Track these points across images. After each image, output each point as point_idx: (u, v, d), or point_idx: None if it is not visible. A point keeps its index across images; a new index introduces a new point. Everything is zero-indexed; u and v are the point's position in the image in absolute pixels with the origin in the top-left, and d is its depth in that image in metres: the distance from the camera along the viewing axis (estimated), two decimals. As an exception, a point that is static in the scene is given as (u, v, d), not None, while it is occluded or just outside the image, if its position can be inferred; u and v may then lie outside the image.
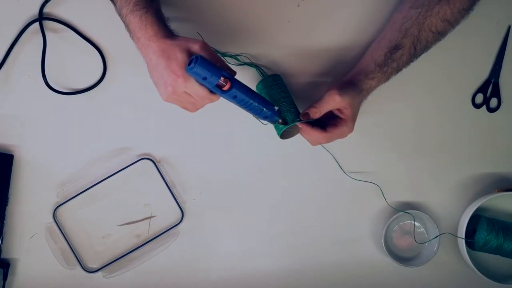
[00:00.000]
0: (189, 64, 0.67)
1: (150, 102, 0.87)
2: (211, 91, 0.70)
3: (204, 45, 0.70)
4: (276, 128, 0.82)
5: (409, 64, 0.81)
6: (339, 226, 0.92)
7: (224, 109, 0.79)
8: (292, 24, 0.88)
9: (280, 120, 0.79)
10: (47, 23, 0.86)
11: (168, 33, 0.72)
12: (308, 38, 0.88)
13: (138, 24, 0.72)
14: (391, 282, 0.94)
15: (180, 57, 0.69)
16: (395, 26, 0.81)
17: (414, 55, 0.80)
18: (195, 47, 0.69)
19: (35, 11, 0.85)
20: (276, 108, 0.76)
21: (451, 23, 0.79)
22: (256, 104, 0.73)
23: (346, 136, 0.81)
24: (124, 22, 0.74)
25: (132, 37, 0.74)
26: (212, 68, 0.67)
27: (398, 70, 0.81)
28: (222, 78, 0.68)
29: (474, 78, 0.91)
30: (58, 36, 0.86)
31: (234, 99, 0.71)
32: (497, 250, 0.89)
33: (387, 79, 0.81)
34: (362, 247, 0.93)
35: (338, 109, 0.79)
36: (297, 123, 0.80)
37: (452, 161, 0.92)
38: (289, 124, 0.80)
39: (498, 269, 0.92)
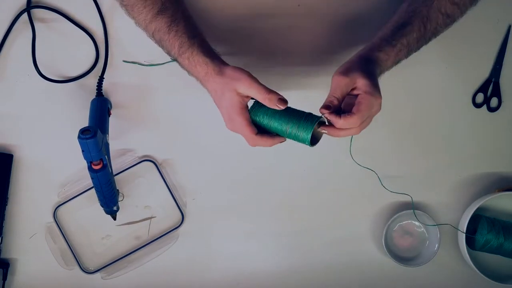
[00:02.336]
0: (82, 132, 0.71)
1: (151, 103, 0.88)
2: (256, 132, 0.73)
3: (249, 82, 0.69)
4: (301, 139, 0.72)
5: (420, 46, 0.77)
6: (339, 226, 0.92)
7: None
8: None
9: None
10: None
11: (218, 69, 0.72)
12: (309, 38, 0.88)
13: (188, 66, 0.74)
14: (391, 282, 0.94)
15: (228, 99, 0.71)
16: (402, 10, 0.78)
17: (424, 34, 0.76)
18: (241, 87, 0.70)
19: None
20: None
21: (460, 7, 0.76)
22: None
23: (377, 108, 0.70)
24: (178, 63, 0.77)
25: (190, 75, 0.77)
26: (96, 151, 0.73)
27: (408, 48, 0.75)
28: (95, 162, 0.74)
29: (475, 77, 0.91)
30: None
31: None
32: (497, 250, 0.90)
33: (397, 55, 0.75)
34: (362, 247, 0.93)
35: (352, 90, 0.70)
36: (321, 125, 0.72)
37: (452, 161, 0.93)
38: (313, 124, 0.70)
39: (498, 269, 0.92)
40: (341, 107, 0.70)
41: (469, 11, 0.78)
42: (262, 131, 0.73)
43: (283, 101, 0.69)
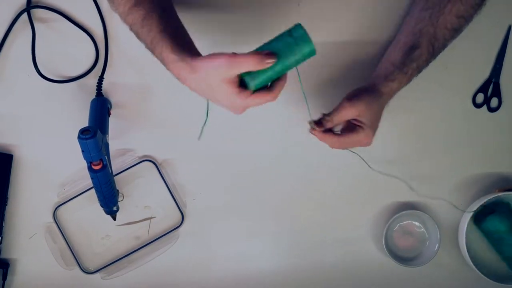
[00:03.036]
0: (82, 133, 0.71)
1: (151, 103, 0.88)
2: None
3: (228, 62, 0.61)
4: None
5: (429, 64, 0.79)
6: (339, 226, 0.92)
7: (226, 110, 0.79)
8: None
9: None
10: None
11: (189, 68, 0.65)
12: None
13: (163, 63, 0.69)
14: (392, 282, 0.94)
15: (219, 91, 0.64)
16: (408, 30, 0.79)
17: (433, 54, 0.78)
18: (224, 73, 0.62)
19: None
20: None
21: (466, 19, 0.77)
22: None
23: (366, 144, 0.78)
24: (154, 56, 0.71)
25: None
26: (96, 151, 0.73)
27: (418, 70, 0.78)
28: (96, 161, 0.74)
29: (475, 78, 0.91)
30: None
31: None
32: (496, 242, 0.91)
33: (409, 80, 0.79)
34: (362, 247, 0.93)
35: (354, 118, 0.77)
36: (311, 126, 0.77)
37: (452, 161, 0.92)
38: (305, 33, 0.63)
39: (498, 269, 0.92)
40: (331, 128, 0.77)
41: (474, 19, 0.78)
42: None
43: (271, 55, 0.62)
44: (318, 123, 0.77)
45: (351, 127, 0.78)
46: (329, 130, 0.77)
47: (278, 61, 0.62)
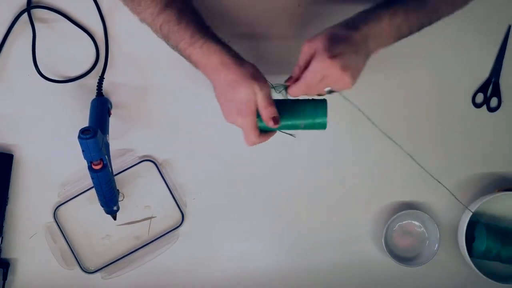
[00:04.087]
0: (82, 132, 0.71)
1: (151, 103, 0.88)
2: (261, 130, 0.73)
3: (266, 92, 0.69)
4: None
5: (421, 23, 0.71)
6: (339, 226, 0.92)
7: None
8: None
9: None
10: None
11: (234, 59, 0.70)
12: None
13: (199, 55, 0.70)
14: (391, 282, 0.94)
15: (245, 94, 0.69)
16: None
17: (423, 8, 0.70)
18: (260, 93, 0.69)
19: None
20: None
21: None
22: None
23: (329, 71, 0.65)
24: (183, 55, 0.73)
25: (197, 67, 0.73)
26: (96, 151, 0.73)
27: (407, 18, 0.69)
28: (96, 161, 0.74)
29: (475, 77, 0.91)
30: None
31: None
32: (497, 257, 0.90)
33: (392, 20, 0.68)
34: (362, 247, 0.93)
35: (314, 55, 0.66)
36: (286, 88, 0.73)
37: (453, 161, 0.92)
38: (325, 108, 0.73)
39: (498, 269, 0.92)
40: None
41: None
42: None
43: (276, 120, 0.71)
44: (289, 79, 0.72)
45: None
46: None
47: (291, 119, 0.73)
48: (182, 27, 0.71)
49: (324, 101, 0.74)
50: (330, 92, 0.69)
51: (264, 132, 0.74)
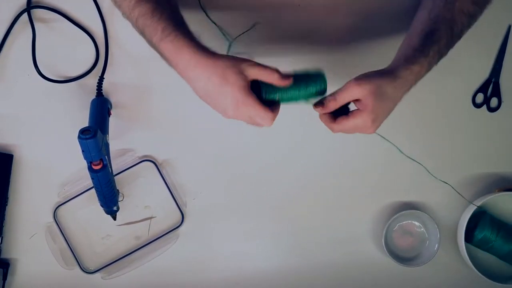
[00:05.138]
0: (82, 132, 0.71)
1: (151, 103, 0.88)
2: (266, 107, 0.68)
3: (254, 62, 0.67)
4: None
5: (448, 50, 0.75)
6: (339, 226, 0.92)
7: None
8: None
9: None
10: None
11: (208, 53, 0.67)
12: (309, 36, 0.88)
13: (171, 50, 0.67)
14: (391, 282, 0.94)
15: (232, 83, 0.65)
16: (424, 17, 0.75)
17: (452, 38, 0.74)
18: (248, 68, 0.66)
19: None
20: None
21: (479, 6, 0.75)
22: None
23: (365, 131, 0.71)
24: (158, 53, 0.70)
25: (170, 65, 0.70)
26: (96, 151, 0.73)
27: (439, 54, 0.73)
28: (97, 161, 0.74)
29: (475, 77, 0.91)
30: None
31: None
32: (491, 249, 0.90)
33: (430, 65, 0.73)
34: (362, 247, 0.93)
35: (357, 100, 0.69)
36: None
37: (452, 161, 0.93)
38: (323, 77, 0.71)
39: (498, 269, 0.93)
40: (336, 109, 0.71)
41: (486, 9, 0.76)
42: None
43: (288, 76, 0.68)
44: (321, 103, 0.72)
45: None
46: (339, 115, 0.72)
47: (293, 86, 0.69)
48: (155, 20, 0.67)
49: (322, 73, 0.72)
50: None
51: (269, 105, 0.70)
